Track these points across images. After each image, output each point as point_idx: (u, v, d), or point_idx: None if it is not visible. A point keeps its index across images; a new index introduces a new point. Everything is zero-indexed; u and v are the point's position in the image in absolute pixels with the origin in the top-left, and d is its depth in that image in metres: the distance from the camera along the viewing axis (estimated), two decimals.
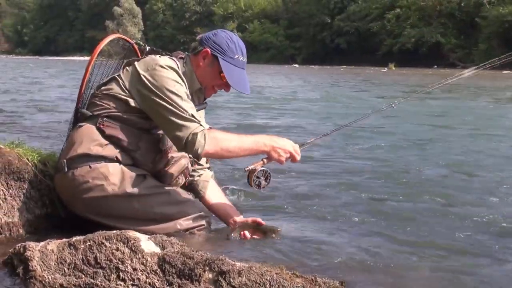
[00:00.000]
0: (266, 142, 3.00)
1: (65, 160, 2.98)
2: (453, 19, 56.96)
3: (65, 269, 2.18)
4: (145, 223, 2.97)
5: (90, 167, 2.95)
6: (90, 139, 2.97)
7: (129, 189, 2.97)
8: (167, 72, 2.97)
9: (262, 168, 3.10)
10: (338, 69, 44.03)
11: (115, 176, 2.96)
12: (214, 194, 3.43)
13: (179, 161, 3.16)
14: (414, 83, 24.17)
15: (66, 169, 2.97)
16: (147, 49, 3.35)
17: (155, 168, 3.10)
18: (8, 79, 22.16)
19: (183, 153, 3.13)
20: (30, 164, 3.14)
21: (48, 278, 2.15)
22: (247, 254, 2.85)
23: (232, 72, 3.11)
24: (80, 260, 2.18)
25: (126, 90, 2.99)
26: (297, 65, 59.06)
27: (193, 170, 3.39)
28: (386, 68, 48.53)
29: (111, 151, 2.98)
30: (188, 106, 2.94)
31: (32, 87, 17.45)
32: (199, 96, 3.23)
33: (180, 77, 3.01)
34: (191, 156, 3.09)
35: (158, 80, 2.94)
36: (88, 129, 3.00)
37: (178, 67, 3.05)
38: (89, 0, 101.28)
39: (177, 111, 2.89)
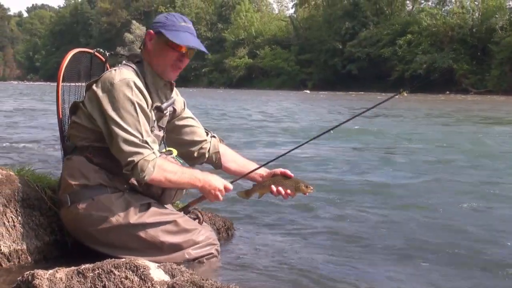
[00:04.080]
0: (200, 177, 3.06)
1: (67, 194, 3.00)
2: (465, 45, 57.00)
3: None
4: (152, 253, 2.96)
5: (93, 199, 2.96)
6: (83, 170, 2.99)
7: (134, 219, 2.97)
8: (123, 89, 2.93)
9: (193, 208, 3.33)
10: (349, 95, 44.06)
11: (119, 207, 2.97)
12: (231, 160, 3.47)
13: None
14: (426, 108, 24.19)
15: (69, 203, 2.98)
16: (107, 55, 3.51)
17: (149, 190, 3.09)
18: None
19: None
20: (39, 190, 3.15)
21: None
22: (259, 283, 2.84)
23: (178, 34, 3.06)
24: None
25: (92, 119, 2.99)
26: (308, 91, 59.15)
27: (201, 148, 3.42)
28: (398, 95, 48.40)
29: (106, 177, 3.00)
30: (144, 129, 2.94)
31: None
32: (165, 93, 3.22)
33: (138, 89, 2.97)
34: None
35: (114, 102, 2.92)
36: (78, 161, 3.02)
37: (137, 74, 3.04)
38: (100, 26, 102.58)
39: (131, 138, 2.89)
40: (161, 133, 3.23)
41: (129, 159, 2.89)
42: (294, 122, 16.04)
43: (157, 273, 2.22)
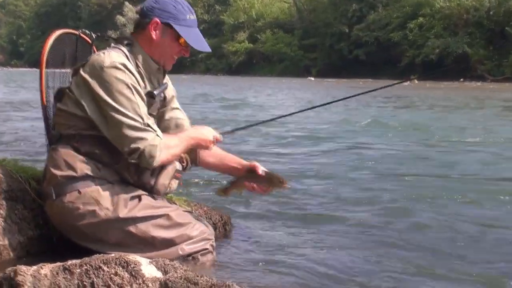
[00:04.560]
0: (193, 136, 3.21)
1: (51, 187, 2.99)
2: (481, 29, 56.78)
3: None
4: (143, 249, 2.96)
5: (79, 192, 2.95)
6: (69, 160, 2.99)
7: (123, 213, 2.97)
8: (115, 72, 2.93)
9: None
10: (356, 82, 43.97)
11: (107, 200, 2.97)
12: (208, 154, 3.47)
13: (166, 167, 3.14)
14: (440, 97, 24.13)
15: (54, 196, 2.98)
16: (94, 36, 3.51)
17: (141, 180, 3.09)
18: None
19: None
20: (22, 181, 3.15)
21: None
22: (257, 279, 2.86)
23: (190, 34, 3.14)
24: (76, 286, 2.18)
25: (80, 105, 2.99)
26: (312, 78, 59.10)
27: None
28: (408, 82, 48.45)
29: (94, 168, 2.99)
30: (143, 112, 2.96)
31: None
32: (157, 78, 3.23)
33: (130, 72, 2.98)
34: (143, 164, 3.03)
35: (108, 87, 2.92)
36: (64, 150, 3.01)
37: (127, 57, 3.04)
38: (90, 8, 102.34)
39: (132, 122, 2.91)
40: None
41: (134, 145, 2.90)
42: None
43: (148, 269, 2.23)
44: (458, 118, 13.98)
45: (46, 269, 2.24)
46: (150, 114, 3.16)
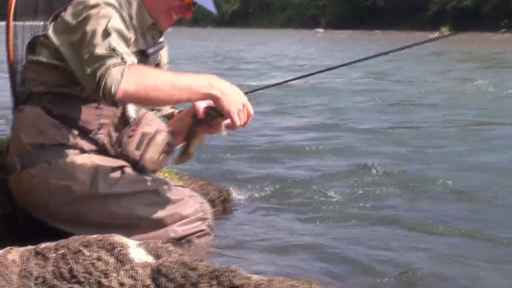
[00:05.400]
0: (212, 82, 2.76)
1: (16, 157, 2.98)
2: None
3: (31, 284, 2.17)
4: (127, 232, 2.89)
5: (49, 163, 2.94)
6: (38, 124, 2.96)
7: (103, 188, 2.96)
8: (101, 9, 2.83)
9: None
10: (375, 35, 43.87)
11: (84, 172, 2.95)
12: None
13: (154, 139, 3.09)
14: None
15: (19, 169, 2.97)
16: None
17: (124, 152, 3.06)
18: None
19: (157, 126, 3.10)
20: None
21: None
22: (263, 264, 2.89)
23: None
24: (51, 273, 2.16)
25: (57, 53, 2.92)
26: (321, 30, 58.89)
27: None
28: (437, 33, 48.28)
29: (69, 135, 2.96)
30: (116, 42, 2.74)
31: None
32: (152, 35, 3.21)
33: (120, 17, 2.90)
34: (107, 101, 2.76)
35: (87, 24, 2.79)
36: (33, 112, 2.98)
37: (119, 3, 2.97)
38: None
39: (96, 49, 2.71)
40: None
41: (92, 74, 2.67)
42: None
43: (137, 252, 2.22)
44: None
45: (15, 253, 2.22)
46: None
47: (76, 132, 2.99)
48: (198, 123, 3.01)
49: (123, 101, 2.74)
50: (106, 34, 2.77)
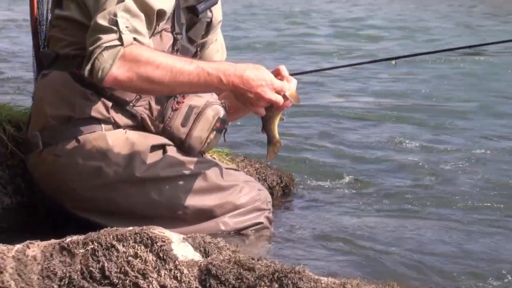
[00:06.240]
0: (229, 70, 2.74)
1: (38, 132, 2.99)
2: None
3: (55, 286, 2.18)
4: (170, 224, 2.90)
5: (77, 140, 2.95)
6: (65, 93, 2.96)
7: (141, 171, 2.97)
8: None
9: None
10: None
11: (118, 152, 2.96)
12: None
13: (204, 113, 3.09)
14: None
15: (41, 146, 2.98)
16: None
17: (168, 127, 3.07)
18: None
19: (207, 98, 3.09)
20: None
21: None
22: (331, 263, 2.91)
23: None
24: (79, 273, 2.18)
25: (86, 10, 2.90)
26: None
27: None
28: None
29: (101, 107, 2.97)
30: (126, 10, 2.72)
31: None
32: None
33: None
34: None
35: None
36: (59, 79, 2.99)
37: None
38: None
39: (103, 6, 2.71)
40: (192, 48, 3.21)
41: (89, 49, 2.69)
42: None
43: (182, 248, 2.23)
44: None
45: (36, 248, 2.24)
46: (189, 37, 3.12)
47: (109, 103, 2.98)
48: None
49: (114, 88, 2.79)
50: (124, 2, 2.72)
